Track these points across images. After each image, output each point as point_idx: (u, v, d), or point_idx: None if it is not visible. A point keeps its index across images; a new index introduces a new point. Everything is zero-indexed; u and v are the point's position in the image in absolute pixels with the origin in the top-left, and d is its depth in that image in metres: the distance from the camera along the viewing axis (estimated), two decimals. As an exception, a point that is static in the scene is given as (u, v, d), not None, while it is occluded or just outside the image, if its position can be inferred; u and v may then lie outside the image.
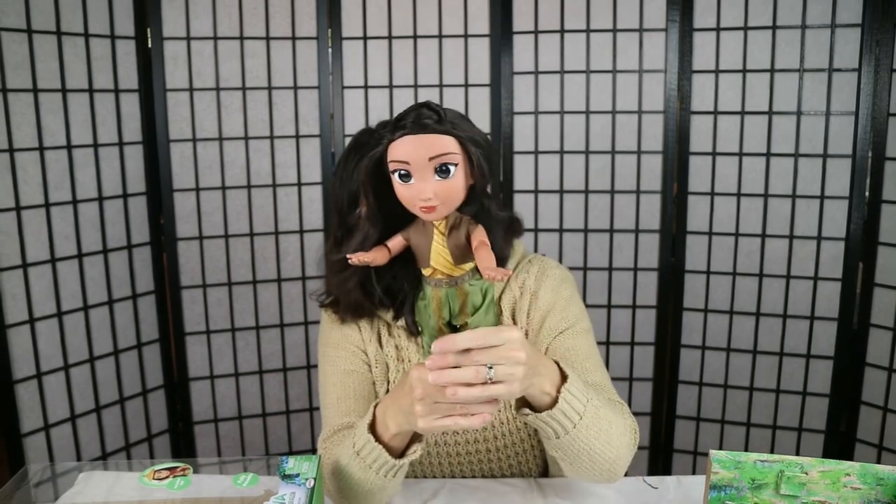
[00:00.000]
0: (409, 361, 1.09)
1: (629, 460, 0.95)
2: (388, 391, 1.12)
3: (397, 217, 0.79)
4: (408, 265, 0.82)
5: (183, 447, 2.11)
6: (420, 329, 0.81)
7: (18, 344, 1.75)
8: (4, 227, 1.71)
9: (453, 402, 0.76)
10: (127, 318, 1.97)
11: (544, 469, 1.16)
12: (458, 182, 0.74)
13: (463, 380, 0.74)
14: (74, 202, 1.82)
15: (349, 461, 0.90)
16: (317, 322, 2.15)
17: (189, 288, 2.04)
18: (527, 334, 1.07)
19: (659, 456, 2.16)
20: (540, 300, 1.07)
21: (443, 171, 0.73)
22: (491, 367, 0.74)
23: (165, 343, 2.06)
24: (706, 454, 1.18)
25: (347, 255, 0.76)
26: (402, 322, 1.06)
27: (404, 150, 0.74)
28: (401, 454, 0.89)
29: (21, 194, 1.73)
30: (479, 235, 0.75)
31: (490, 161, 0.78)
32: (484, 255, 0.72)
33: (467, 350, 0.74)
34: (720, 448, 1.21)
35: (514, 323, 1.08)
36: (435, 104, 0.75)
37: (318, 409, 2.20)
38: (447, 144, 0.73)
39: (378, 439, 0.87)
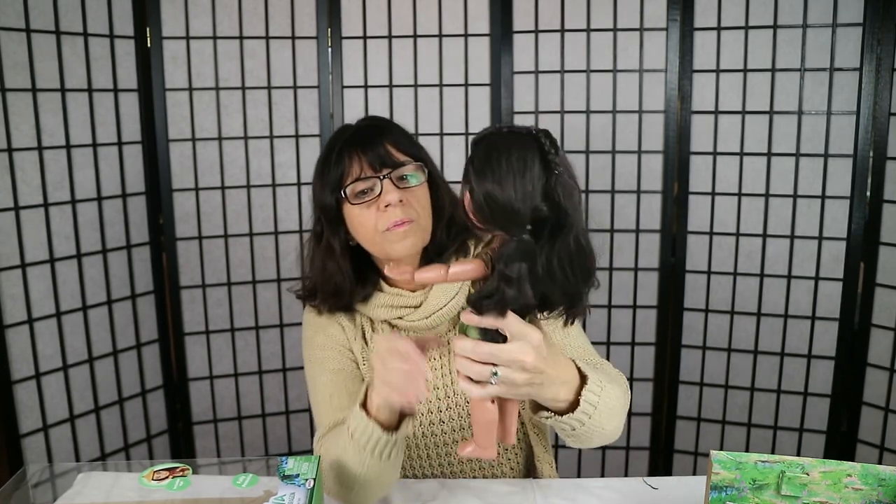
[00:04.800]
0: None
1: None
2: None
3: None
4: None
5: (182, 447, 2.11)
6: None
7: (17, 344, 1.75)
8: (3, 227, 1.71)
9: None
10: (126, 319, 1.97)
11: (529, 461, 1.17)
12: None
13: (469, 373, 0.77)
14: (73, 202, 1.82)
15: (345, 447, 0.92)
16: (316, 322, 2.16)
17: (189, 288, 2.04)
18: None
19: (659, 456, 2.16)
20: None
21: None
22: (496, 373, 0.77)
23: (165, 343, 2.06)
24: (707, 455, 1.18)
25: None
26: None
27: None
28: (393, 430, 0.91)
29: (20, 194, 1.72)
30: None
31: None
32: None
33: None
34: (721, 449, 1.21)
35: None
36: None
37: (317, 409, 2.19)
38: None
39: (370, 416, 0.90)
